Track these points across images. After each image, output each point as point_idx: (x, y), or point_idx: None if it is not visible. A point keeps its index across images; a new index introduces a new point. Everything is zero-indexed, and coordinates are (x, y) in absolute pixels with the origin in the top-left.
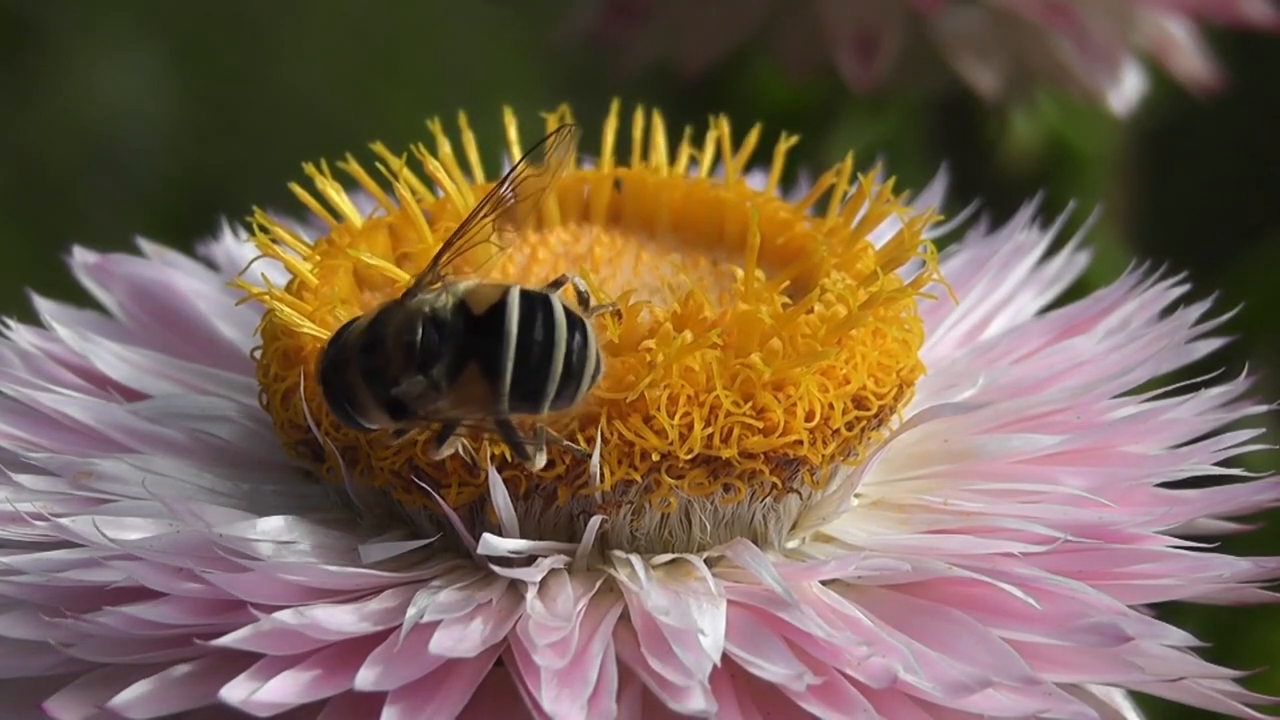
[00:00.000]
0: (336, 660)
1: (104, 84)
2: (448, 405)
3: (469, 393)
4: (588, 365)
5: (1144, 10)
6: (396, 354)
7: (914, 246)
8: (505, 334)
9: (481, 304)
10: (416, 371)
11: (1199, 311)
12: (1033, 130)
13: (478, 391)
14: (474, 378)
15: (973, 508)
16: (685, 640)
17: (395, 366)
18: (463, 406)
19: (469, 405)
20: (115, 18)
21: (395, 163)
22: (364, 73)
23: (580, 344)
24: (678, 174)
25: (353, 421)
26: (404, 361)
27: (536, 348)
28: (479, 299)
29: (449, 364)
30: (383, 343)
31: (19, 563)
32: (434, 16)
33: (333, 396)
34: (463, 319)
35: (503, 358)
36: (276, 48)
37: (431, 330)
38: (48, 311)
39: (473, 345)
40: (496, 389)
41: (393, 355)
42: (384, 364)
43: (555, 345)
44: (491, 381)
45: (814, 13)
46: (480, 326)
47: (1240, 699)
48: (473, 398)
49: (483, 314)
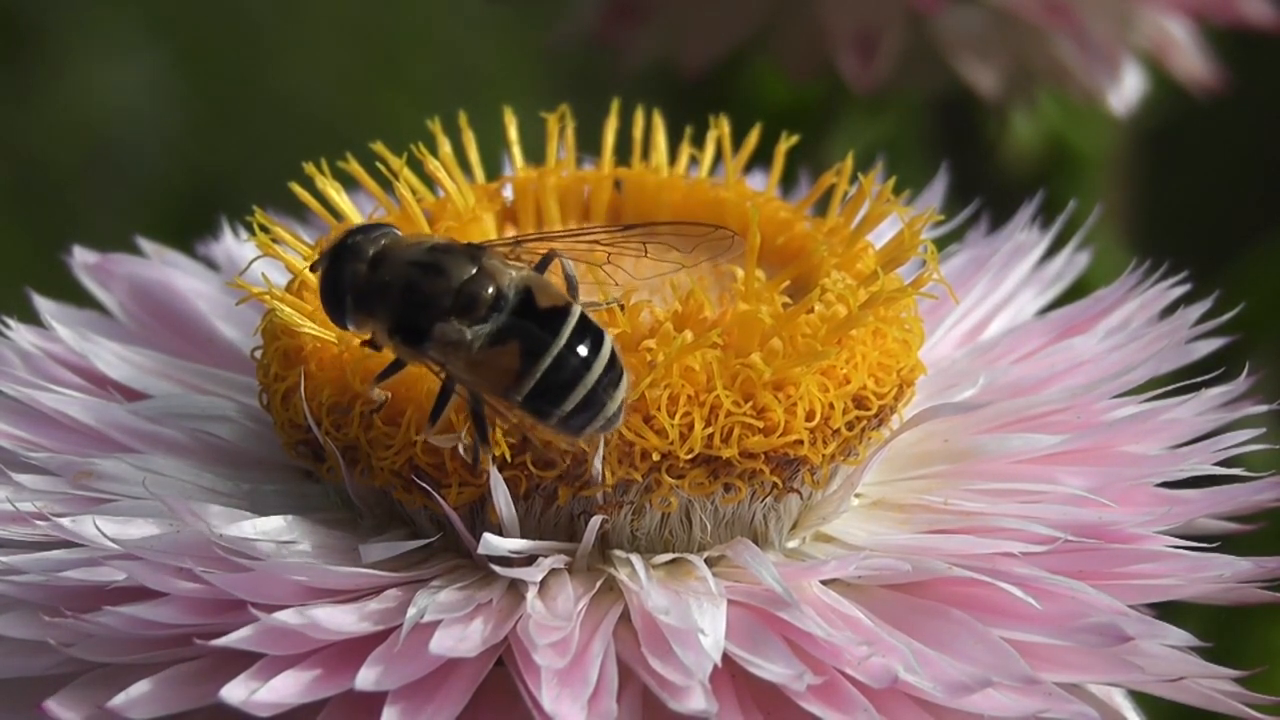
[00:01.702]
0: (337, 660)
1: (104, 84)
2: (463, 365)
3: (493, 367)
4: (610, 405)
5: (1144, 10)
6: (460, 295)
7: (914, 246)
8: (558, 334)
9: (545, 300)
10: (463, 321)
11: (1199, 311)
12: (1033, 130)
13: (502, 370)
14: (507, 358)
15: (973, 508)
16: (685, 640)
17: (447, 303)
18: (477, 374)
19: (484, 377)
20: (115, 18)
21: (395, 162)
22: (364, 73)
23: (613, 381)
24: (678, 174)
25: (339, 315)
26: (459, 305)
27: (576, 360)
28: (544, 294)
29: (493, 333)
30: (445, 275)
31: (19, 562)
32: (434, 16)
33: (340, 283)
34: (522, 301)
35: (546, 353)
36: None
37: (496, 295)
38: (48, 311)
39: (524, 329)
40: (524, 377)
41: (449, 292)
42: (436, 293)
43: (591, 369)
44: (524, 365)
45: (814, 13)
46: (537, 316)
47: (1240, 699)
48: (493, 373)
49: (544, 309)
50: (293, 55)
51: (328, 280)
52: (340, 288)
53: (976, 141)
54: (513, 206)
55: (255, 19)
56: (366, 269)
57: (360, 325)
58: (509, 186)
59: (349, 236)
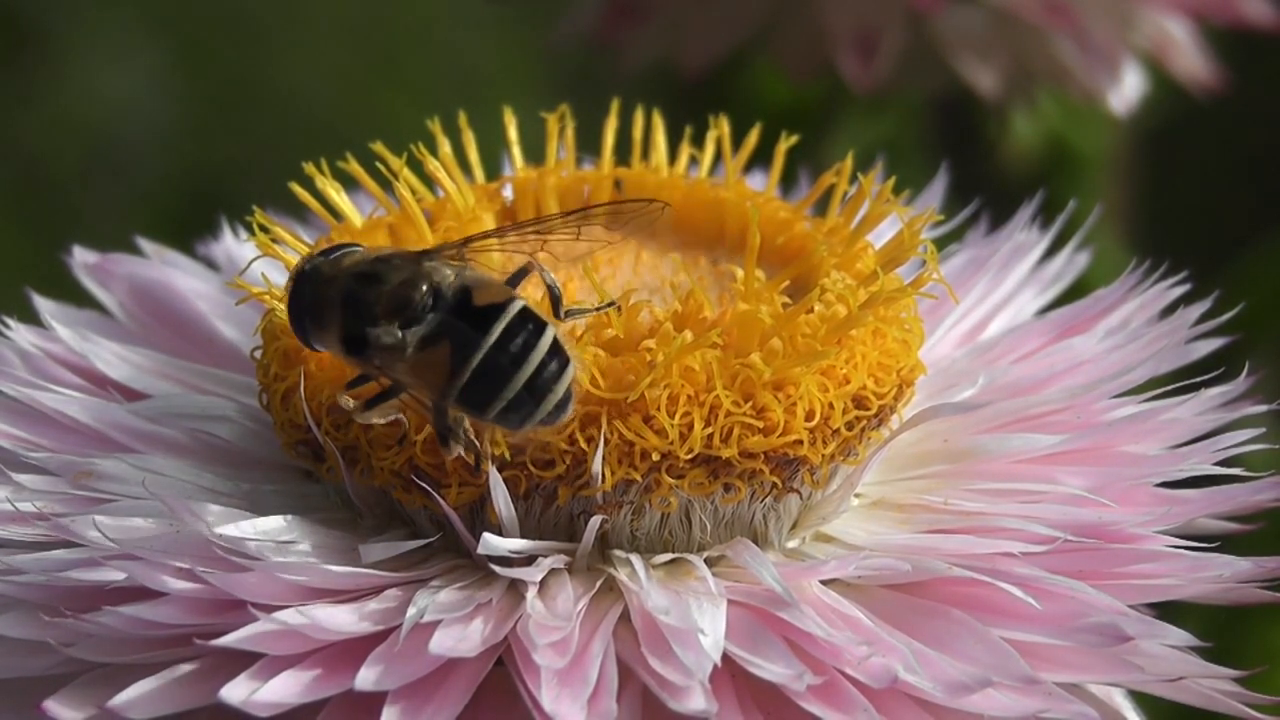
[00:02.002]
0: (337, 660)
1: (104, 84)
2: (404, 369)
3: (429, 367)
4: (549, 398)
5: (1144, 10)
6: (389, 298)
7: (914, 246)
8: (489, 331)
9: (483, 298)
10: (395, 323)
11: (1199, 311)
12: (1033, 130)
13: (437, 369)
14: (441, 357)
15: (973, 507)
16: (685, 640)
17: (381, 308)
18: (416, 376)
19: (422, 378)
20: (115, 18)
21: (395, 162)
22: (364, 73)
23: (553, 373)
24: (678, 174)
25: (304, 335)
26: (391, 309)
27: (506, 359)
28: (484, 292)
29: (426, 333)
30: (380, 281)
31: (19, 562)
32: (434, 16)
33: (299, 304)
34: (459, 300)
35: (475, 350)
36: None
37: (430, 295)
38: (48, 311)
39: (455, 327)
40: (455, 375)
41: (384, 297)
42: (371, 300)
43: (523, 365)
44: (454, 366)
45: (814, 13)
46: (471, 315)
47: (1240, 699)
48: (430, 373)
49: (479, 307)
50: (293, 55)
51: (289, 306)
52: (298, 310)
53: (976, 141)
54: (513, 206)
55: (255, 19)
56: (320, 287)
57: (323, 343)
58: (509, 186)
59: (305, 261)
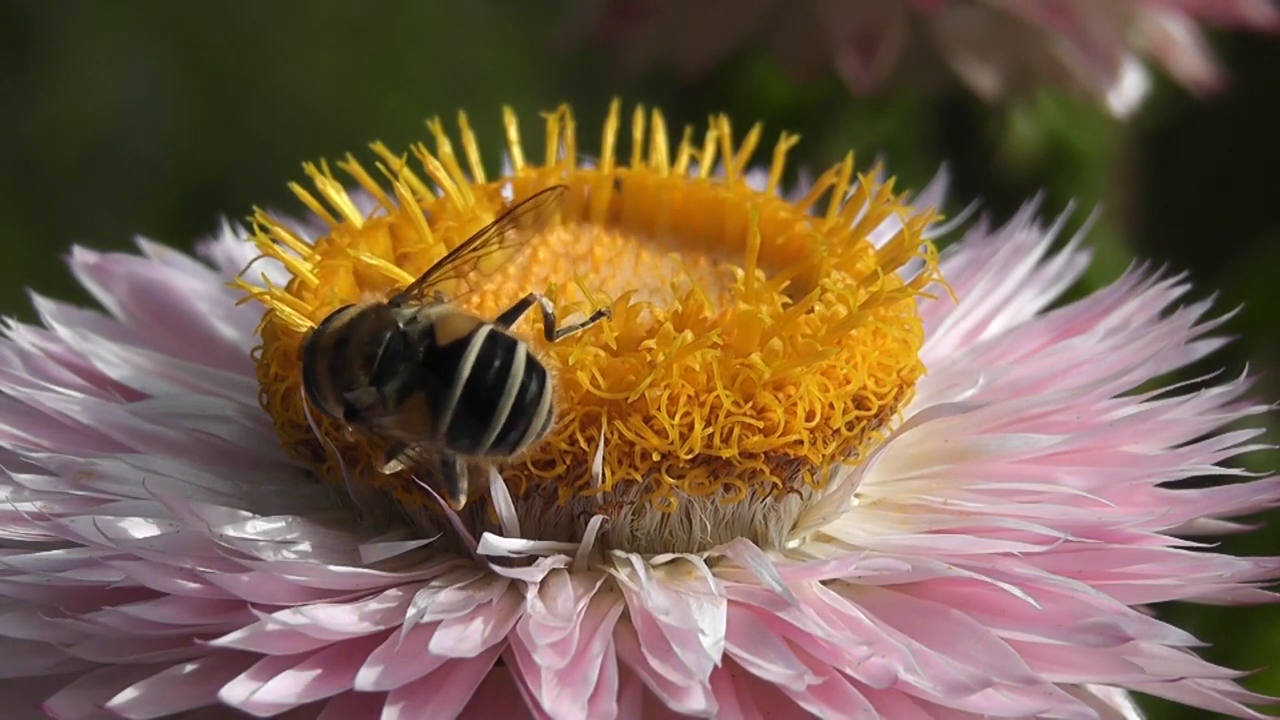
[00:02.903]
0: (337, 660)
1: (104, 84)
2: (392, 423)
3: (411, 419)
4: (536, 418)
5: (1144, 10)
6: (356, 359)
7: (914, 246)
8: (456, 377)
9: (447, 335)
10: (370, 383)
11: (1199, 311)
12: (1033, 130)
13: (419, 420)
14: (418, 406)
15: (973, 507)
16: (685, 640)
17: (353, 370)
18: (405, 429)
19: (410, 430)
20: (115, 18)
21: (395, 162)
22: (364, 73)
23: (534, 393)
24: (678, 174)
25: (319, 404)
26: (361, 369)
27: (484, 394)
28: (447, 329)
29: (399, 386)
30: (348, 344)
31: (19, 563)
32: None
33: (305, 377)
34: (424, 346)
35: (448, 398)
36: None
37: (396, 346)
38: (48, 311)
39: (423, 378)
40: (437, 423)
41: (353, 359)
42: (344, 365)
43: (504, 394)
44: (434, 415)
45: (814, 13)
46: (437, 360)
47: (1240, 699)
48: (414, 425)
49: (445, 346)
50: (292, 55)
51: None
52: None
53: (976, 141)
54: (513, 206)
55: (255, 19)
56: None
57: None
58: (509, 186)
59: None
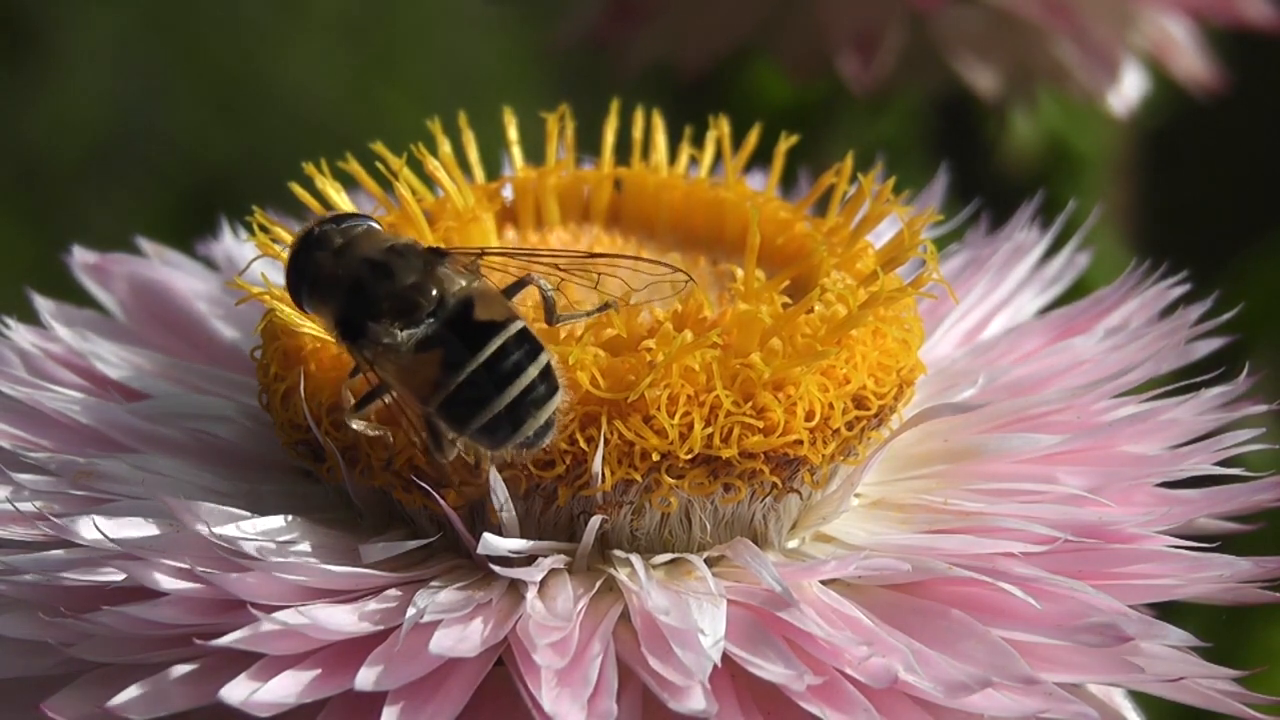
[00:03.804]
0: (336, 660)
1: (104, 84)
2: (393, 369)
3: (417, 372)
4: (532, 420)
5: (1144, 10)
6: (397, 299)
7: (914, 246)
8: (484, 347)
9: (484, 314)
10: (394, 323)
11: (1199, 311)
12: (1033, 130)
13: (425, 376)
14: (431, 364)
15: (973, 507)
16: (685, 640)
17: (386, 305)
18: (403, 379)
19: (409, 383)
20: (115, 18)
21: (395, 162)
22: (364, 73)
23: (540, 397)
24: (678, 174)
25: (298, 300)
26: (396, 310)
27: (493, 379)
28: (486, 308)
29: (422, 338)
30: (391, 276)
31: (19, 563)
32: (433, 16)
33: (301, 271)
34: (460, 312)
35: (467, 364)
36: (276, 47)
37: (435, 302)
38: (48, 311)
39: (450, 340)
40: (440, 386)
41: (392, 296)
42: (380, 295)
43: (509, 388)
44: (441, 376)
45: (814, 13)
46: (468, 329)
47: (1240, 699)
48: (417, 379)
49: (479, 322)
50: (292, 55)
51: (292, 265)
52: (300, 275)
53: (976, 141)
54: (512, 206)
55: (255, 19)
56: (328, 258)
57: (315, 311)
58: (509, 186)
59: (321, 224)
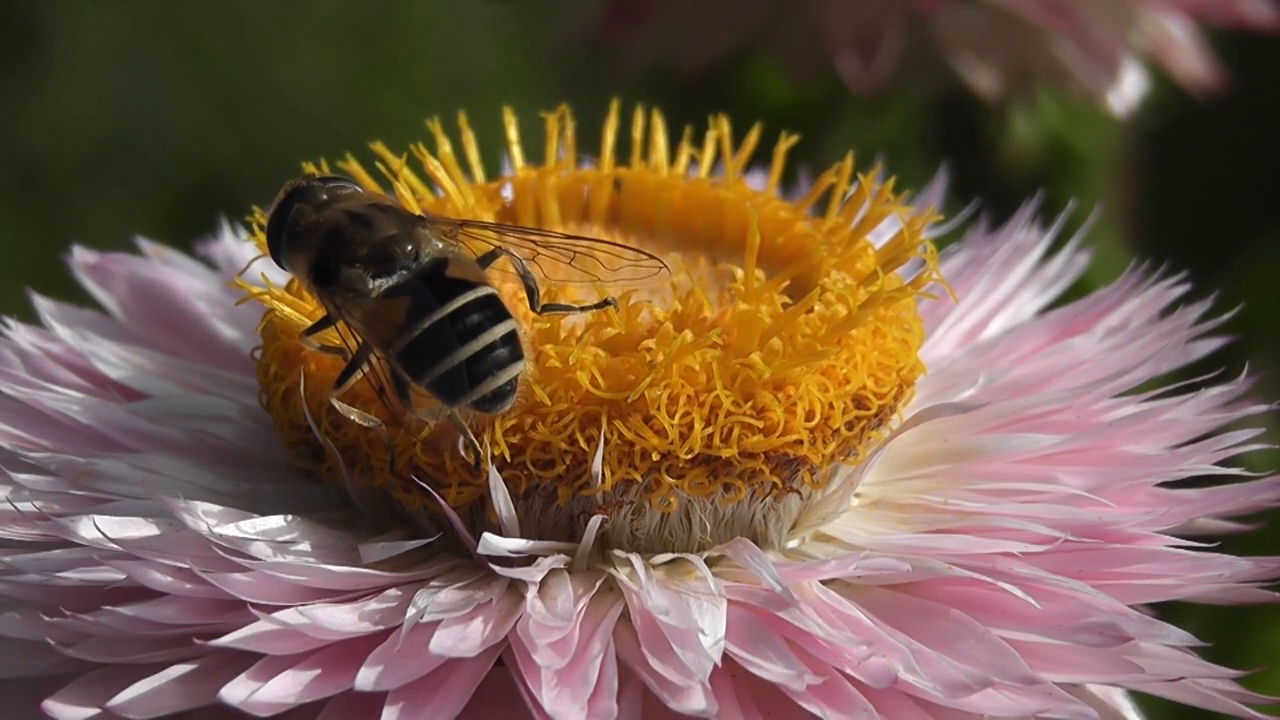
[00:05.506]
0: (336, 660)
1: (104, 84)
2: (360, 314)
3: (383, 319)
4: (487, 381)
5: (1144, 10)
6: (374, 246)
7: (914, 246)
8: (450, 299)
9: (457, 272)
10: (368, 270)
11: (1199, 311)
12: (1033, 130)
13: (390, 323)
14: (398, 311)
15: (973, 507)
16: (685, 640)
17: (359, 250)
18: (369, 324)
19: (374, 328)
20: (115, 18)
21: (395, 162)
22: (364, 73)
23: (501, 359)
24: (678, 174)
25: (275, 251)
26: (371, 257)
27: (455, 330)
28: (460, 268)
29: (392, 286)
30: (370, 227)
31: (19, 562)
32: (433, 17)
33: (282, 219)
34: (433, 267)
35: (432, 313)
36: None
37: (411, 257)
38: (48, 311)
39: (418, 288)
40: (407, 329)
41: (370, 243)
42: (357, 241)
43: (470, 340)
44: (406, 322)
45: (814, 13)
46: (438, 282)
47: (1240, 699)
48: (382, 325)
49: (449, 278)
50: (292, 55)
51: (273, 215)
52: (280, 223)
53: (976, 141)
54: (512, 206)
55: (255, 19)
56: (310, 210)
57: (291, 265)
58: (509, 186)
59: (307, 179)
